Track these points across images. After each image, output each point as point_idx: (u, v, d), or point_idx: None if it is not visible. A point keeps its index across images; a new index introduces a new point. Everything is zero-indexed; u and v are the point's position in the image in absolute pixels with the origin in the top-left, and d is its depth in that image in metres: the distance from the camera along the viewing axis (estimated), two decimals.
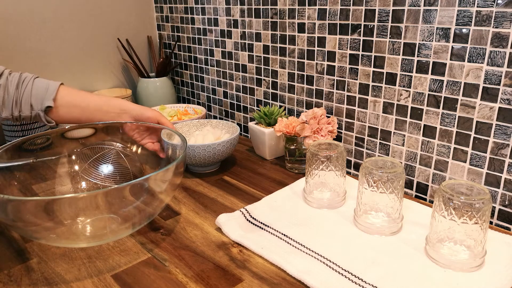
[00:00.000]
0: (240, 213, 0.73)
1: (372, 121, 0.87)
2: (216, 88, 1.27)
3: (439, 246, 0.60)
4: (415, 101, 0.79)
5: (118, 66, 1.38)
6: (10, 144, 0.71)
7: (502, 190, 0.71)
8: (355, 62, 0.86)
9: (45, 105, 0.74)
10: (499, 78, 0.67)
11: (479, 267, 0.59)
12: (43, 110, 0.74)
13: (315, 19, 0.91)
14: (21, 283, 0.59)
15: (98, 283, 0.58)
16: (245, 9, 1.08)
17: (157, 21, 1.43)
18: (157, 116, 0.80)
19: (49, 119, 0.77)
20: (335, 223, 0.71)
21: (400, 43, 0.78)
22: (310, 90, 0.98)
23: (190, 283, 0.58)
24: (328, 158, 0.74)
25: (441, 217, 0.59)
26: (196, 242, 0.67)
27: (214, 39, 1.21)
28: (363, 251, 0.63)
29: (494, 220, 0.73)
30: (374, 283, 0.56)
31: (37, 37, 1.17)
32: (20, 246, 0.67)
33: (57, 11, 1.20)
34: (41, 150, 0.79)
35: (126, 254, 0.65)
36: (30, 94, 0.74)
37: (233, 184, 0.88)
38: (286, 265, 0.60)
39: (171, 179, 0.65)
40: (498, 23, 0.65)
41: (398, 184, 0.65)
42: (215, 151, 0.87)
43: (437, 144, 0.77)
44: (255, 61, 1.10)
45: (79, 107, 0.78)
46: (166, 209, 0.78)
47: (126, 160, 0.83)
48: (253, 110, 1.16)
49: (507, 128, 0.68)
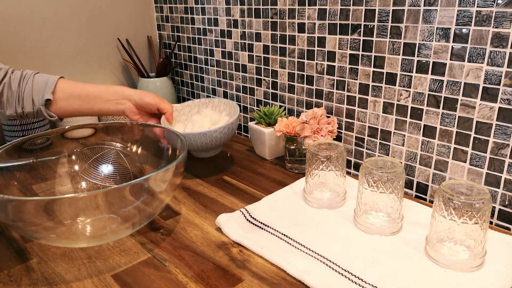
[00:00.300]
0: (240, 213, 0.73)
1: (372, 121, 0.87)
2: (216, 88, 1.27)
3: (439, 246, 0.60)
4: (415, 101, 0.79)
5: (118, 66, 1.38)
6: (10, 144, 0.71)
7: (502, 190, 0.71)
8: (355, 62, 0.86)
9: (45, 98, 0.74)
10: (499, 78, 0.67)
11: (479, 267, 0.59)
12: (44, 104, 0.75)
13: (315, 19, 0.91)
14: (21, 283, 0.59)
15: (98, 283, 0.58)
16: (245, 9, 1.08)
17: (157, 21, 1.43)
18: (157, 102, 0.79)
19: (50, 113, 0.77)
20: (335, 223, 0.71)
21: (400, 43, 0.78)
22: (310, 90, 0.98)
23: (190, 283, 0.58)
24: (328, 158, 0.74)
25: (441, 217, 0.59)
26: (196, 242, 0.67)
27: (214, 39, 1.21)
28: (363, 251, 0.63)
29: (494, 220, 0.73)
30: (374, 283, 0.56)
31: (37, 37, 1.17)
32: (20, 246, 0.67)
33: (57, 11, 1.20)
34: (41, 150, 0.79)
35: (126, 254, 0.65)
36: (31, 90, 0.75)
37: (233, 184, 0.88)
38: (286, 265, 0.60)
39: (171, 179, 0.65)
40: (498, 23, 0.65)
41: (398, 184, 0.65)
42: (212, 138, 0.85)
43: (437, 144, 0.77)
44: (255, 61, 1.10)
45: (78, 98, 0.78)
46: (166, 209, 0.78)
47: (126, 160, 0.83)
48: (253, 110, 1.16)
49: (507, 128, 0.68)
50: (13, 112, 0.75)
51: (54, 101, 0.76)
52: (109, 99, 0.79)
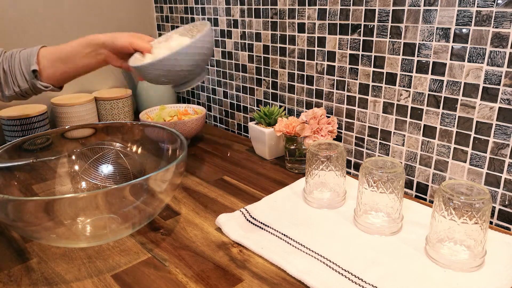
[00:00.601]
0: (240, 213, 0.73)
1: (372, 121, 0.87)
2: (216, 88, 1.27)
3: (439, 246, 0.60)
4: (415, 101, 0.79)
5: None
6: (10, 144, 0.71)
7: (502, 190, 0.71)
8: (355, 62, 0.86)
9: (31, 69, 0.75)
10: (499, 78, 0.67)
11: (479, 267, 0.59)
12: (33, 76, 0.75)
13: (315, 19, 0.91)
14: (21, 283, 0.59)
15: (98, 283, 0.58)
16: (245, 9, 1.08)
17: (157, 21, 1.43)
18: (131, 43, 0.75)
19: (44, 84, 0.77)
20: (335, 223, 0.71)
21: (400, 43, 0.78)
22: (310, 90, 0.98)
23: (190, 283, 0.58)
24: (328, 158, 0.74)
25: (441, 217, 0.59)
26: (196, 242, 0.67)
27: (214, 39, 1.21)
28: (363, 251, 0.63)
29: (494, 220, 0.73)
30: (374, 283, 0.56)
31: (37, 37, 1.17)
32: (20, 246, 0.67)
33: (57, 11, 1.20)
34: (41, 150, 0.79)
35: (126, 254, 0.65)
36: (20, 65, 0.76)
37: (233, 184, 0.88)
38: (286, 265, 0.60)
39: (171, 179, 0.65)
40: (498, 23, 0.65)
41: (398, 184, 0.65)
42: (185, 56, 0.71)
43: (437, 144, 0.77)
44: (255, 61, 1.10)
45: (60, 61, 0.77)
46: (166, 209, 0.78)
47: (126, 160, 0.83)
48: (253, 110, 1.16)
49: (507, 128, 0.68)
50: (12, 92, 0.76)
51: (41, 71, 0.76)
52: (86, 52, 0.77)
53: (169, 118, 1.08)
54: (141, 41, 0.76)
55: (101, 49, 0.77)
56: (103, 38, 0.76)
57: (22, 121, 1.03)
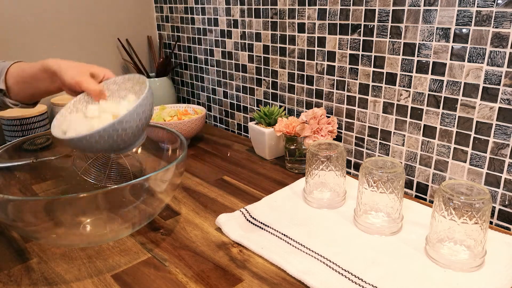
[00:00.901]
0: (240, 213, 0.73)
1: (372, 121, 0.87)
2: (216, 88, 1.27)
3: (439, 246, 0.60)
4: (415, 101, 0.79)
5: (118, 66, 1.38)
6: (10, 144, 0.71)
7: (502, 190, 0.71)
8: (355, 62, 0.86)
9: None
10: (499, 78, 0.67)
11: (479, 267, 0.59)
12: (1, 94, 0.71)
13: (315, 19, 0.91)
14: (21, 283, 0.59)
15: (98, 283, 0.58)
16: (245, 9, 1.08)
17: (157, 21, 1.43)
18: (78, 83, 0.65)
19: (12, 102, 0.71)
20: (335, 223, 0.71)
21: (400, 43, 0.78)
22: (310, 90, 0.98)
23: (190, 283, 0.58)
24: (328, 158, 0.74)
25: (441, 217, 0.59)
26: (196, 242, 0.67)
27: (214, 39, 1.21)
28: (363, 251, 0.63)
29: (494, 220, 0.73)
30: (374, 283, 0.56)
31: (37, 37, 1.17)
32: (20, 246, 0.67)
33: (57, 11, 1.20)
34: (41, 150, 0.79)
35: (126, 254, 0.65)
36: None
37: (233, 184, 0.88)
38: (286, 265, 0.60)
39: (171, 179, 0.65)
40: (498, 23, 0.65)
41: (398, 184, 0.65)
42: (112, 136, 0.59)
43: (437, 144, 0.77)
44: (255, 61, 1.10)
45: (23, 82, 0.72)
46: (166, 209, 0.78)
47: (126, 160, 0.83)
48: (253, 110, 1.16)
49: (507, 128, 0.68)
50: None
51: (9, 89, 0.71)
52: (44, 77, 0.70)
53: (169, 118, 1.08)
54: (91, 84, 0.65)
55: (54, 77, 0.69)
56: (54, 67, 0.67)
57: (22, 121, 1.03)
